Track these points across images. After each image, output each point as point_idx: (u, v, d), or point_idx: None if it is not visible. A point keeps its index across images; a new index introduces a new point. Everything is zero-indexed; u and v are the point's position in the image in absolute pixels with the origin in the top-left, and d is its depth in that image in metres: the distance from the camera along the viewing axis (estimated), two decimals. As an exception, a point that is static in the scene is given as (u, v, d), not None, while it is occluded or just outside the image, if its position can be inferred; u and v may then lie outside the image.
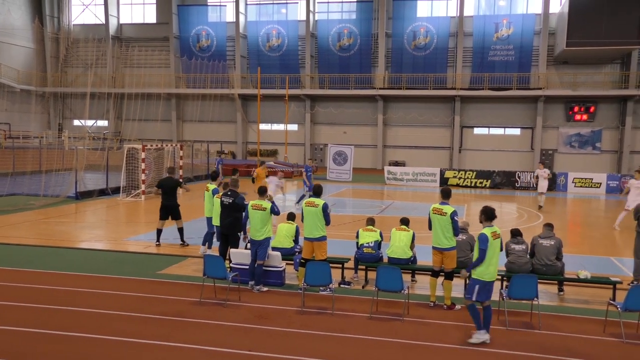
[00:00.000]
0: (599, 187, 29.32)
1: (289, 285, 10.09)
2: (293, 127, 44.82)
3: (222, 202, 10.68)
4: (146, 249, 13.03)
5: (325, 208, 9.50)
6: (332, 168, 33.14)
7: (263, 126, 43.23)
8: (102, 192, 22.70)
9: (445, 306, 8.99)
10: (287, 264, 10.50)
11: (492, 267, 7.56)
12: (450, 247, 9.00)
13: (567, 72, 40.19)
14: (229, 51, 45.95)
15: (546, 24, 39.65)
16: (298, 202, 20.37)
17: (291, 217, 11.28)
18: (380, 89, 42.16)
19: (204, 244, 12.37)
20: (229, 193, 10.62)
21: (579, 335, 7.87)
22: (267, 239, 9.85)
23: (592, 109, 39.75)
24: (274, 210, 9.92)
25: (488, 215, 7.76)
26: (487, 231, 7.57)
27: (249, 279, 9.80)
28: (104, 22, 47.69)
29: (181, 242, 13.24)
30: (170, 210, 13.27)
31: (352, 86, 42.80)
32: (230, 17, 45.63)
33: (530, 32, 40.21)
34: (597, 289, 10.07)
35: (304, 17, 43.97)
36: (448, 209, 8.94)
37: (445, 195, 9.27)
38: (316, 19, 44.72)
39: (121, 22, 48.96)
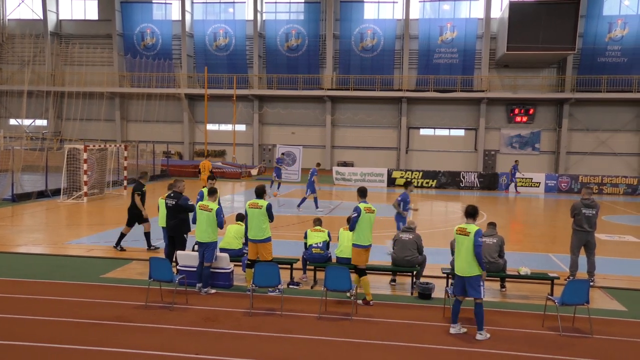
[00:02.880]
0: (539, 187, 30.49)
1: (237, 286, 9.98)
2: (241, 127, 44.45)
3: (166, 204, 10.49)
4: (89, 252, 12.62)
5: (269, 208, 9.42)
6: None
7: (210, 126, 42.66)
8: (41, 194, 21.82)
9: (361, 301, 9.14)
10: (235, 265, 10.39)
11: (461, 262, 7.86)
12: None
13: (507, 75, 41.57)
14: (175, 50, 45.09)
15: (488, 28, 40.88)
16: (317, 206, 20.43)
17: (240, 217, 11.18)
18: (328, 89, 42.38)
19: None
20: (172, 195, 10.44)
21: (520, 330, 8.14)
22: (215, 241, 9.71)
23: (531, 111, 41.26)
24: (221, 213, 9.74)
25: (469, 213, 7.98)
26: (455, 228, 8.01)
27: (196, 281, 9.64)
28: (41, 17, 45.81)
29: (150, 247, 12.87)
30: (139, 216, 12.89)
31: (301, 87, 42.83)
32: (176, 15, 44.78)
33: (473, 36, 41.36)
34: (537, 284, 10.43)
35: (251, 17, 43.66)
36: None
37: (365, 193, 9.59)
38: (264, 19, 44.50)
39: (60, 17, 47.16)
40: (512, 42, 36.87)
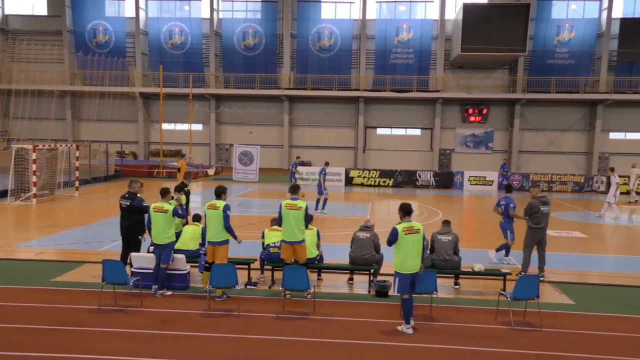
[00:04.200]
0: (492, 185, 31.25)
1: (194, 288, 9.86)
2: (198, 127, 43.89)
3: (120, 205, 10.27)
4: (38, 255, 12.21)
5: (226, 209, 9.33)
6: (238, 168, 32.84)
7: (166, 126, 41.97)
8: (-12, 196, 21.02)
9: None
10: (191, 266, 10.26)
11: (409, 260, 7.94)
12: (302, 239, 9.35)
13: (462, 75, 42.44)
14: (129, 48, 44.09)
15: (443, 29, 41.64)
16: (316, 207, 19.76)
17: (197, 218, 11.05)
18: (285, 89, 42.31)
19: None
20: (126, 195, 10.24)
21: (474, 325, 8.33)
22: (172, 243, 9.57)
23: (484, 111, 42.26)
24: (177, 213, 9.65)
25: (405, 211, 8.15)
26: (400, 226, 7.98)
27: (151, 283, 9.48)
28: (-14, 12, 44.11)
29: None
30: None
31: (258, 86, 42.62)
32: (129, 12, 43.77)
33: (429, 37, 42.03)
34: (490, 280, 10.69)
35: (207, 15, 43.14)
36: (302, 203, 9.31)
37: (293, 191, 9.53)
38: (220, 17, 44.06)
39: (6, 12, 45.39)
40: (466, 44, 37.63)
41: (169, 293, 9.47)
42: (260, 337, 7.66)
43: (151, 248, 10.10)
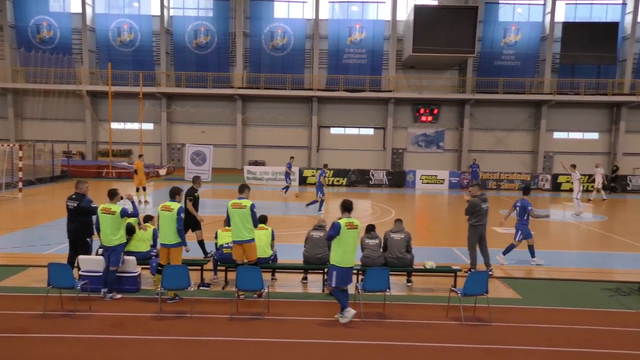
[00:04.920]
0: (443, 184, 31.90)
1: (145, 290, 9.65)
2: (148, 126, 43.01)
3: (67, 206, 9.93)
4: (-21, 260, 11.69)
5: (180, 212, 9.17)
6: (190, 168, 32.33)
7: (115, 125, 40.96)
8: None
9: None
10: (143, 268, 10.04)
11: (348, 254, 8.20)
12: (251, 238, 9.27)
13: (413, 76, 43.12)
14: (75, 44, 42.73)
15: (394, 30, 42.21)
16: (320, 209, 19.95)
17: (148, 219, 10.82)
18: (239, 88, 41.97)
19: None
20: (73, 196, 9.91)
21: (425, 321, 8.47)
22: (121, 245, 9.33)
23: (435, 111, 43.09)
24: (127, 213, 9.40)
25: (345, 207, 8.44)
26: (342, 221, 8.22)
27: (100, 286, 9.22)
28: None
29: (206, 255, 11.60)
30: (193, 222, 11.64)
31: (210, 85, 42.09)
32: (75, 8, 42.42)
33: (381, 37, 42.51)
34: (441, 277, 10.90)
35: (157, 12, 42.30)
36: (247, 202, 9.23)
37: (242, 190, 9.46)
38: (171, 14, 43.29)
39: (-56, 6, 43.36)
40: (417, 44, 38.26)
41: (118, 296, 9.23)
42: (213, 338, 7.57)
43: (100, 250, 9.83)
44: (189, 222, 11.12)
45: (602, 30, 40.71)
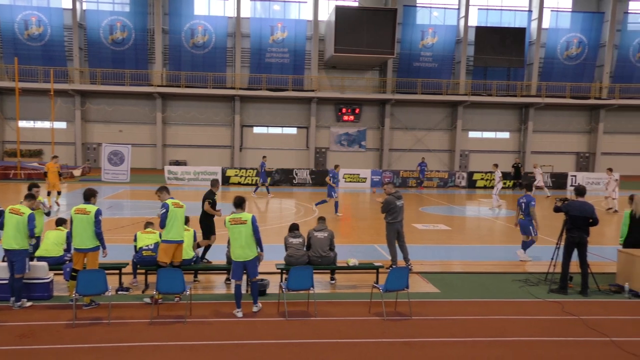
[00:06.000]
0: (365, 182, 32.51)
1: (58, 297, 9.18)
2: (61, 124, 40.96)
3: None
4: None
5: (97, 215, 8.74)
6: (107, 169, 31.10)
7: (24, 123, 38.74)
8: None
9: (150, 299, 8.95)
10: (55, 274, 9.54)
11: (237, 249, 8.53)
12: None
13: (335, 76, 43.67)
14: (-22, 37, 40.02)
15: (316, 30, 42.54)
16: (336, 211, 19.71)
17: (60, 222, 10.30)
18: (158, 86, 40.81)
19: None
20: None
21: (349, 318, 8.60)
22: (24, 250, 8.72)
23: (357, 111, 43.87)
24: (32, 222, 8.79)
25: (234, 202, 8.80)
26: (228, 217, 8.63)
27: (8, 295, 8.67)
28: None
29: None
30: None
31: (128, 83, 40.63)
32: (-22, -2, 39.74)
33: (303, 37, 42.69)
34: (364, 274, 11.10)
35: (69, 6, 40.31)
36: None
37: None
38: (84, 8, 41.40)
39: None
40: (338, 45, 38.77)
41: (28, 304, 8.72)
42: (133, 344, 7.32)
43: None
44: (207, 226, 11.14)
45: (511, 35, 43.02)
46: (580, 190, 10.54)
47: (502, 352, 7.36)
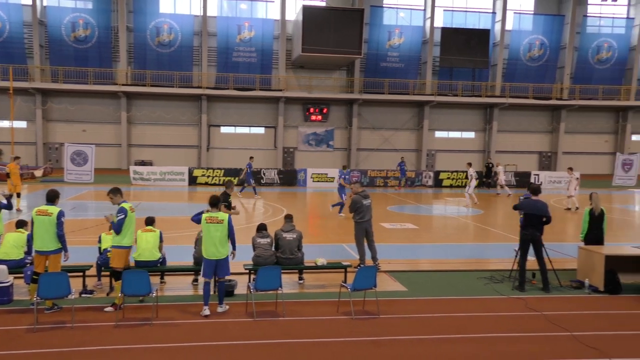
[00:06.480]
0: (333, 182, 32.58)
1: (18, 301, 8.94)
2: (21, 124, 39.86)
3: None
4: None
5: (60, 216, 8.53)
6: (70, 169, 30.40)
7: (-18, 123, 37.55)
8: None
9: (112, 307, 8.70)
10: (15, 277, 9.28)
11: (211, 247, 8.60)
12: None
13: (303, 75, 43.64)
14: None
15: (284, 30, 42.43)
16: (340, 211, 19.59)
17: (21, 224, 10.03)
18: (123, 85, 40.10)
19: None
20: None
21: (317, 318, 8.62)
22: None
23: (325, 111, 43.94)
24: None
25: (209, 201, 8.90)
26: (204, 215, 8.72)
27: (-34, 300, 8.41)
28: None
29: None
30: None
31: (91, 81, 39.76)
32: None
33: (270, 36, 42.52)
34: (332, 273, 11.13)
35: (28, 2, 39.22)
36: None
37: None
38: (44, 4, 40.35)
39: None
40: (306, 44, 38.76)
41: (-13, 309, 8.48)
42: (97, 348, 7.17)
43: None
44: None
45: (476, 36, 43.73)
46: (534, 189, 10.79)
47: (467, 349, 7.48)
